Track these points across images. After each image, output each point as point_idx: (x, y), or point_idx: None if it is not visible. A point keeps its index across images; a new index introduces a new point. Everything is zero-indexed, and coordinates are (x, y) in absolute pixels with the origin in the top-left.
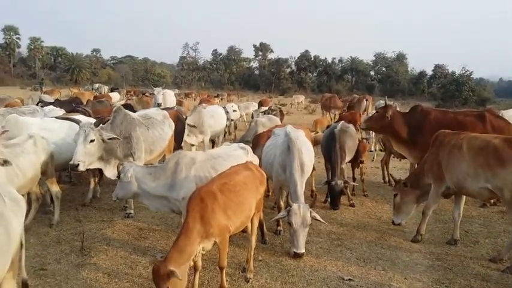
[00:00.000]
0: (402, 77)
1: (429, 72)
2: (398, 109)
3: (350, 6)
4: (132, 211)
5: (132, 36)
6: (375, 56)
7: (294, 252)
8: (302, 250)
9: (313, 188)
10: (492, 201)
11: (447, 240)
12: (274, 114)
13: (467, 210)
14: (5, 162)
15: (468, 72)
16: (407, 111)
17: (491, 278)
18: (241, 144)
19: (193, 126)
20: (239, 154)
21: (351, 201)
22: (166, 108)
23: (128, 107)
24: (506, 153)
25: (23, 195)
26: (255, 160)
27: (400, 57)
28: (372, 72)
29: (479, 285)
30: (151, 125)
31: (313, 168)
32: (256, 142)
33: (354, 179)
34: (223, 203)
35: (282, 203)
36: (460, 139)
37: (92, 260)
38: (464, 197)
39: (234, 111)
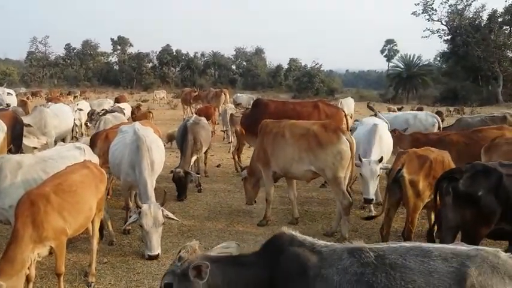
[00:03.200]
0: (261, 71)
1: (285, 65)
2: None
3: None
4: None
5: None
6: (235, 50)
7: (148, 255)
8: (156, 252)
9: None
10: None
11: (289, 220)
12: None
13: (307, 191)
14: None
15: (318, 65)
16: (251, 105)
17: None
18: (77, 144)
19: (29, 125)
20: (74, 154)
21: (199, 187)
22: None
23: None
24: (324, 137)
25: None
26: (94, 159)
27: (259, 52)
28: (234, 67)
29: None
30: None
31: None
32: (94, 140)
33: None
34: (58, 205)
35: (131, 204)
36: (281, 127)
37: None
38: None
39: (80, 110)
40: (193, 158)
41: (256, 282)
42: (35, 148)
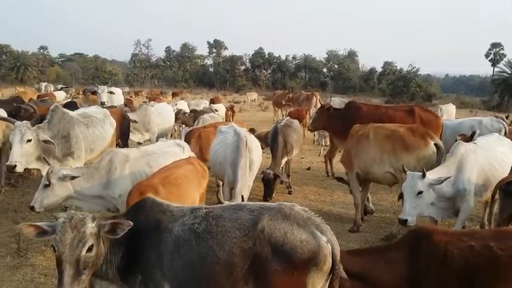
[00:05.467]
0: (353, 74)
1: (379, 69)
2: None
3: (303, 4)
4: (73, 211)
5: (82, 33)
6: (327, 53)
7: None
8: None
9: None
10: None
11: (383, 228)
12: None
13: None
14: None
15: (415, 69)
16: (343, 107)
17: None
18: (178, 141)
19: (135, 121)
20: (175, 151)
21: (289, 189)
22: (109, 107)
23: (72, 105)
24: (410, 141)
25: None
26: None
27: (352, 55)
28: (325, 70)
29: None
30: (91, 123)
31: None
32: (187, 139)
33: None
34: (165, 196)
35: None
36: (367, 129)
37: (29, 262)
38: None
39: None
40: (284, 160)
41: (126, 234)
42: (139, 143)
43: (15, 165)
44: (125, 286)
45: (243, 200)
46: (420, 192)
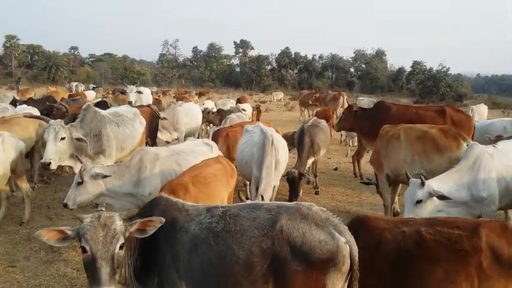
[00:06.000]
0: (381, 74)
1: (408, 68)
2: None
3: (329, 3)
4: (104, 208)
5: (111, 33)
6: (354, 52)
7: None
8: None
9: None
10: None
11: None
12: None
13: None
14: None
15: (445, 68)
16: (371, 107)
17: None
18: (206, 140)
19: (164, 118)
20: (203, 150)
21: (316, 189)
22: (139, 106)
23: (103, 104)
24: (443, 143)
25: None
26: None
27: (380, 54)
28: (352, 69)
29: None
30: (122, 122)
31: None
32: (215, 138)
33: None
34: (195, 194)
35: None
36: (397, 129)
37: (62, 257)
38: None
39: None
40: (310, 160)
41: None
42: (167, 142)
43: (50, 163)
44: None
45: (262, 199)
46: (419, 201)
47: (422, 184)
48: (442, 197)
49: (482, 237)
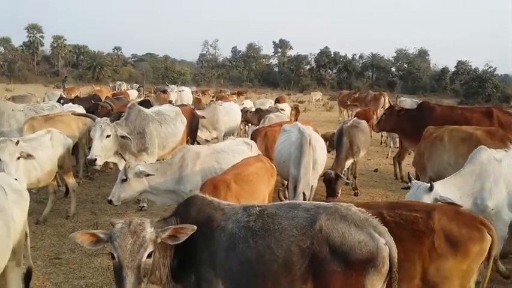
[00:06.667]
0: (424, 74)
1: (452, 68)
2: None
3: (370, 2)
4: (145, 204)
5: (153, 34)
6: (396, 52)
7: None
8: None
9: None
10: None
11: None
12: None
13: None
14: (28, 156)
15: (492, 69)
16: (414, 108)
17: None
18: (246, 140)
19: (203, 117)
20: (243, 149)
21: (356, 191)
22: (180, 105)
23: (146, 103)
24: (489, 145)
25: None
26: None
27: (422, 53)
28: (393, 69)
29: None
30: (164, 121)
31: None
32: (253, 137)
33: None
34: (236, 192)
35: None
36: (441, 131)
37: (105, 250)
38: None
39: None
40: (349, 161)
41: None
42: (207, 141)
43: (96, 159)
44: (178, 287)
45: (304, 198)
46: None
47: (431, 188)
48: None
49: (436, 220)
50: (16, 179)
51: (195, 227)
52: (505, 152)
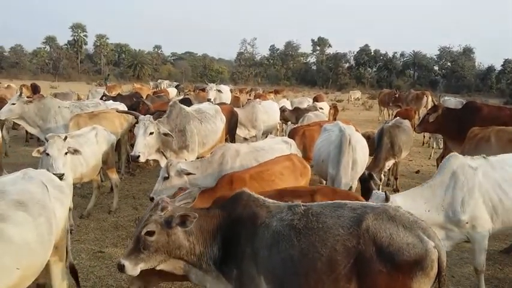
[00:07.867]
0: (468, 72)
1: (498, 67)
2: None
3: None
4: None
5: (192, 32)
6: (439, 50)
7: None
8: None
9: None
10: None
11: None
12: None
13: None
14: (75, 151)
15: None
16: (460, 108)
17: None
18: (285, 138)
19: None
20: (282, 148)
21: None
22: (220, 103)
23: (187, 101)
24: None
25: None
26: (299, 154)
27: (467, 52)
28: (436, 67)
29: None
30: (205, 118)
31: None
32: (291, 136)
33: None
34: (253, 190)
35: None
36: (488, 131)
37: None
38: None
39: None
40: (390, 162)
41: (221, 226)
42: (245, 139)
43: (139, 155)
44: (220, 277)
45: None
46: None
47: (387, 199)
48: None
49: (317, 200)
50: (63, 174)
51: (196, 215)
52: (484, 158)
